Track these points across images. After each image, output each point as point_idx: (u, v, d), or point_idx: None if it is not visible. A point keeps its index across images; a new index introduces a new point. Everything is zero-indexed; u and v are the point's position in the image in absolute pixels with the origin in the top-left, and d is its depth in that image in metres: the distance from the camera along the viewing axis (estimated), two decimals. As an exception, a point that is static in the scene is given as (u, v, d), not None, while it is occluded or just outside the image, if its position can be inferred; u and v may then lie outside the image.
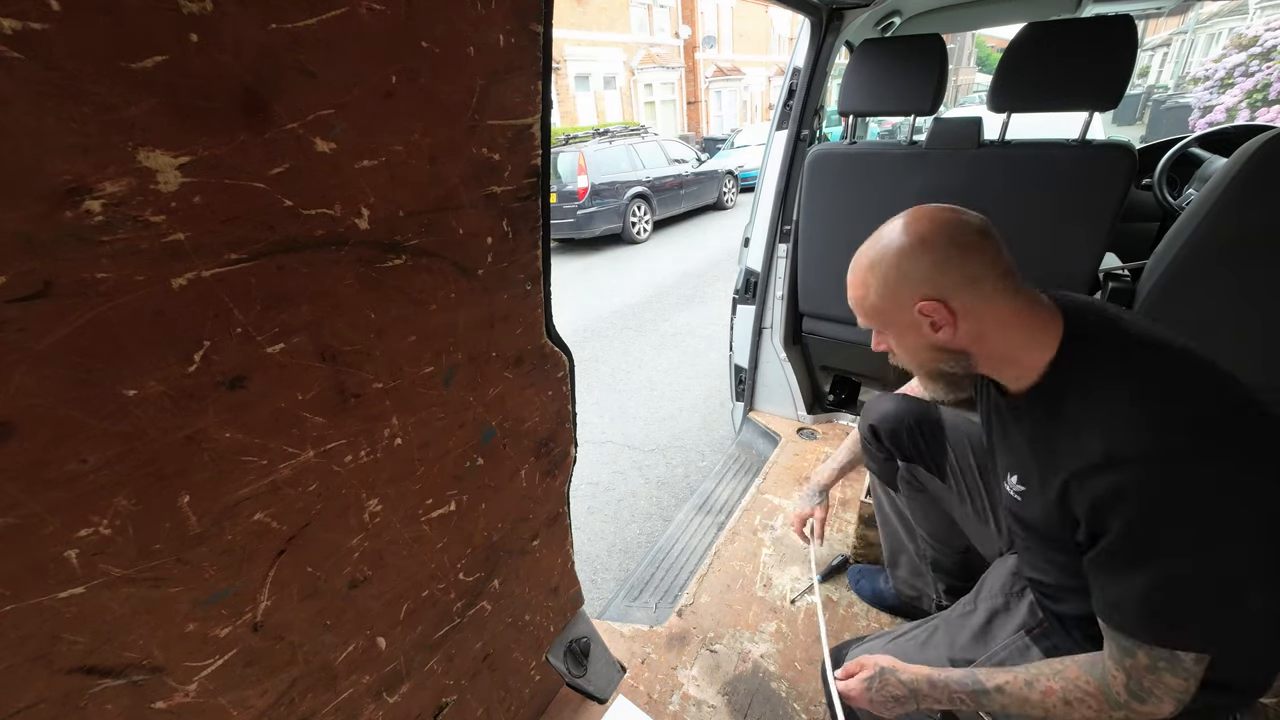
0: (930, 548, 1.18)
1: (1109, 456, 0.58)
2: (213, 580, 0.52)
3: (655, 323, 4.37)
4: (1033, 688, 0.69)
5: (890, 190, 1.56)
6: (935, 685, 0.77)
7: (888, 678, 0.80)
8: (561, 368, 0.88)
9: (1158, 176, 1.76)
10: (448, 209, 0.60)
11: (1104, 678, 0.64)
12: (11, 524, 0.39)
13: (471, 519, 0.81)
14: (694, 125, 19.13)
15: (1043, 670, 0.70)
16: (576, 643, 1.16)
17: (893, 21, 1.92)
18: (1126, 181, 1.27)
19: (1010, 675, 0.72)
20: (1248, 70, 8.04)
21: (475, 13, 0.54)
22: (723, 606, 1.41)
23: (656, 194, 7.76)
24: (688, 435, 2.76)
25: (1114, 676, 0.63)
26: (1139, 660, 0.60)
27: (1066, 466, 0.62)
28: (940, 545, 1.16)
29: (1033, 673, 0.71)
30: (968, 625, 0.90)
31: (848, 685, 0.84)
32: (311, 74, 0.45)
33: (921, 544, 1.19)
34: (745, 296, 2.07)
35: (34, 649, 0.43)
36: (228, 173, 0.43)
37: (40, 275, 0.36)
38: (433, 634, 0.81)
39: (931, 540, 1.17)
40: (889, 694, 0.80)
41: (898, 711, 0.80)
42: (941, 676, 0.77)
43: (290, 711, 0.64)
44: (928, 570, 1.21)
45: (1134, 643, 0.60)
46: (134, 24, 0.36)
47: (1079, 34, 1.24)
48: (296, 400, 0.53)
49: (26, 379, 0.37)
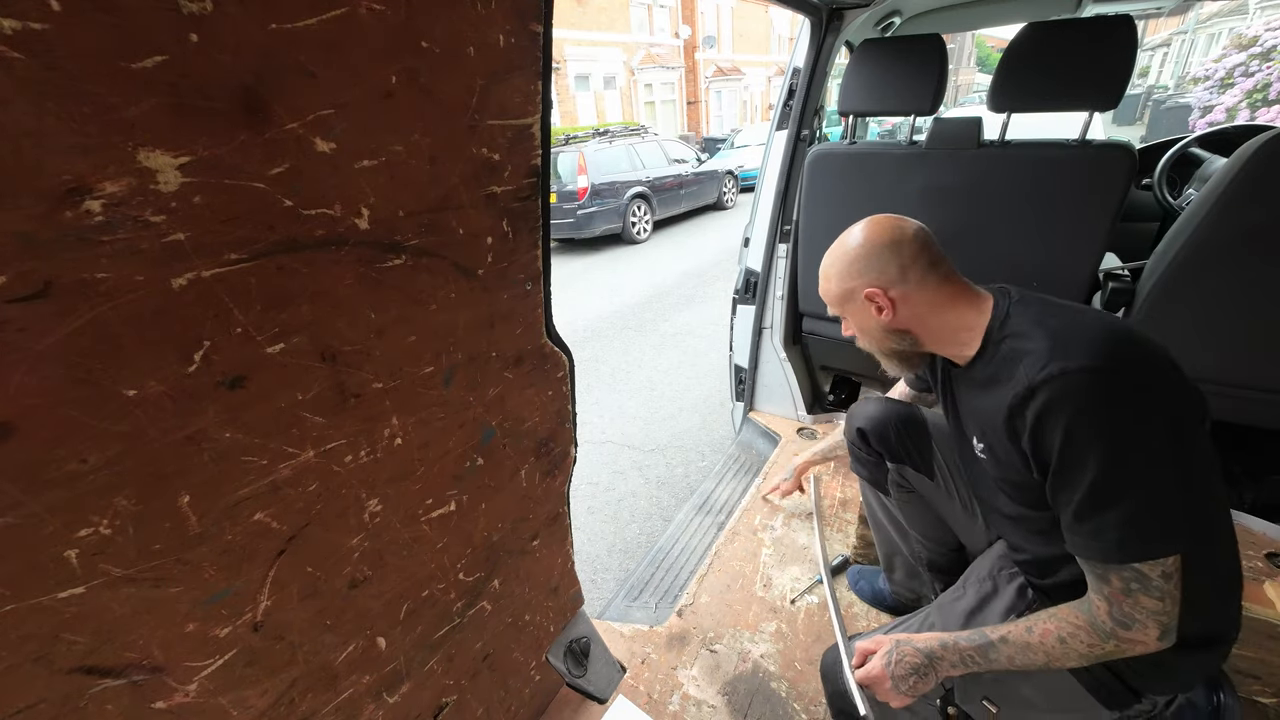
0: (924, 548, 1.19)
1: (1030, 383, 0.67)
2: (213, 580, 0.52)
3: (655, 323, 4.37)
4: (1032, 632, 0.74)
5: (890, 190, 1.56)
6: (947, 647, 0.80)
7: (904, 648, 0.83)
8: (561, 368, 0.88)
9: (1158, 176, 1.76)
10: (448, 209, 0.60)
11: (1090, 610, 0.69)
12: (11, 524, 0.39)
13: (471, 519, 0.81)
14: (694, 125, 19.13)
15: (1040, 615, 0.75)
16: (576, 643, 1.16)
17: (893, 21, 1.92)
18: (1126, 181, 1.27)
19: (1012, 626, 0.77)
20: (1248, 70, 8.05)
21: (475, 13, 0.54)
22: (723, 606, 1.41)
23: (656, 194, 7.76)
24: (688, 435, 2.76)
25: (1098, 606, 0.68)
26: (1113, 585, 0.66)
27: (1005, 405, 0.71)
28: (934, 545, 1.17)
29: (1031, 620, 0.76)
30: (957, 609, 0.92)
31: (868, 667, 0.85)
32: (311, 74, 0.45)
33: (915, 545, 1.20)
34: (745, 296, 2.07)
35: (34, 649, 0.43)
36: (228, 173, 0.43)
37: (40, 275, 0.36)
38: (433, 634, 0.81)
39: (925, 540, 1.18)
40: (907, 664, 0.81)
41: (918, 687, 0.81)
42: (951, 639, 0.81)
43: (290, 711, 0.64)
44: (924, 571, 1.22)
45: (1105, 567, 0.66)
46: (134, 24, 0.36)
47: (1079, 34, 1.24)
48: (296, 400, 0.53)
49: (26, 379, 0.37)
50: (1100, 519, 0.65)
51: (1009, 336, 0.74)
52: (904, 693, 0.81)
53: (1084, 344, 0.66)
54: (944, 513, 1.12)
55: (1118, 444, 0.63)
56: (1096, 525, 0.65)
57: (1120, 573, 0.65)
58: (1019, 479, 0.76)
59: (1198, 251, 1.16)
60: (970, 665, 0.79)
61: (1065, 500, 0.68)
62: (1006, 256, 1.47)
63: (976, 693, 0.86)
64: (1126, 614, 0.66)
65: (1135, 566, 0.64)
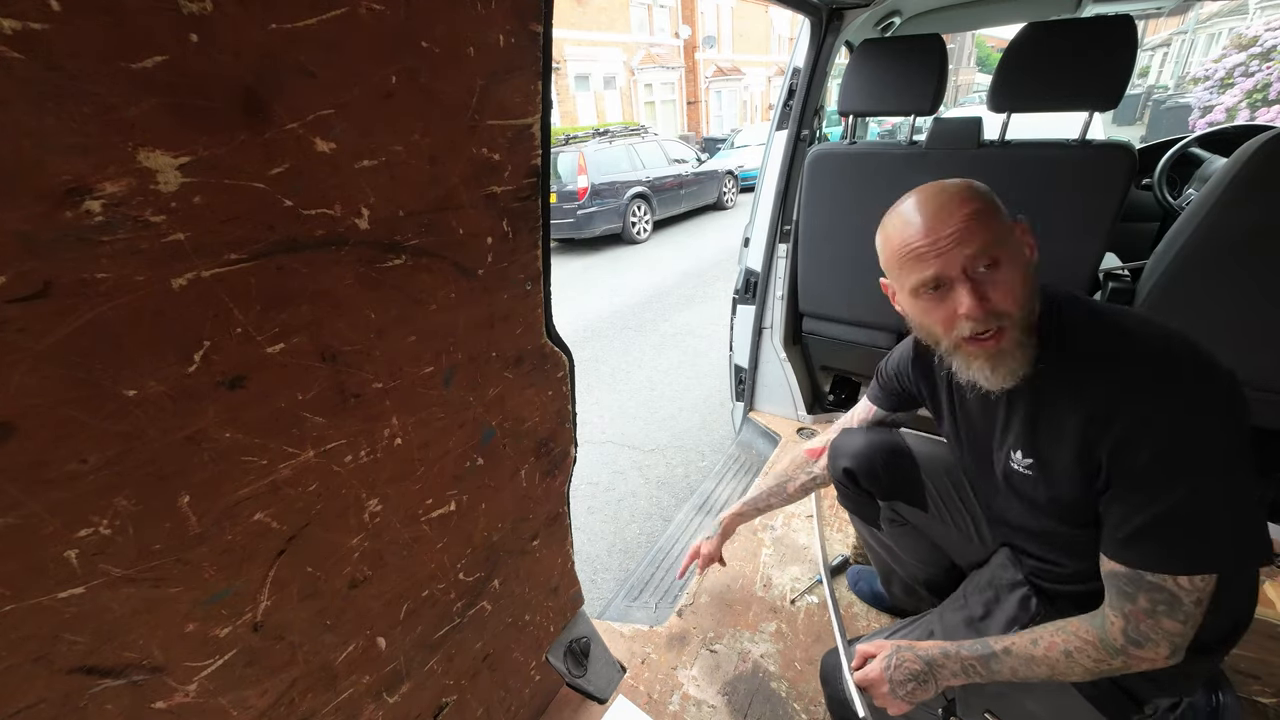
0: (920, 570, 1.16)
1: (1113, 401, 0.64)
2: (213, 580, 0.52)
3: (655, 323, 4.36)
4: (1037, 645, 0.73)
5: (890, 190, 1.54)
6: (949, 655, 0.79)
7: (904, 654, 0.82)
8: (561, 368, 0.87)
9: (1158, 176, 1.76)
10: (448, 209, 0.60)
11: (1103, 626, 0.68)
12: (11, 524, 0.39)
13: (471, 519, 0.81)
14: (694, 125, 19.13)
15: (1046, 628, 0.74)
16: (576, 643, 1.16)
17: (893, 21, 1.92)
18: (1126, 181, 1.27)
19: (1016, 637, 0.76)
20: (1248, 70, 8.05)
21: (475, 13, 0.54)
22: (723, 606, 1.41)
23: (656, 194, 7.75)
24: (688, 435, 2.76)
25: (1112, 623, 0.67)
26: (1139, 604, 0.65)
27: (1080, 417, 0.67)
28: (929, 567, 1.14)
29: (1037, 632, 0.75)
30: (958, 618, 0.91)
31: (867, 670, 0.84)
32: (311, 74, 0.45)
33: (911, 568, 1.17)
34: (745, 296, 2.07)
35: (34, 649, 0.43)
36: (228, 173, 0.43)
37: (40, 275, 0.36)
38: (433, 634, 0.81)
39: (920, 564, 1.14)
40: (907, 670, 0.80)
41: (916, 694, 0.80)
42: (954, 647, 0.80)
43: (290, 711, 0.64)
44: (921, 589, 1.19)
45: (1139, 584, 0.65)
46: (134, 24, 0.36)
47: (1079, 34, 1.24)
48: (296, 400, 0.53)
49: (26, 379, 0.37)
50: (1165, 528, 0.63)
51: (1081, 341, 0.69)
52: (901, 698, 0.80)
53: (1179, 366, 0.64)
54: (938, 539, 1.08)
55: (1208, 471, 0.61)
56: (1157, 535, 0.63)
57: (1152, 593, 0.64)
58: (1070, 496, 0.72)
59: (1198, 251, 1.16)
60: (972, 675, 0.78)
61: (1128, 513, 0.65)
62: None
63: (979, 705, 0.85)
64: (1143, 633, 0.65)
65: (1170, 587, 0.63)
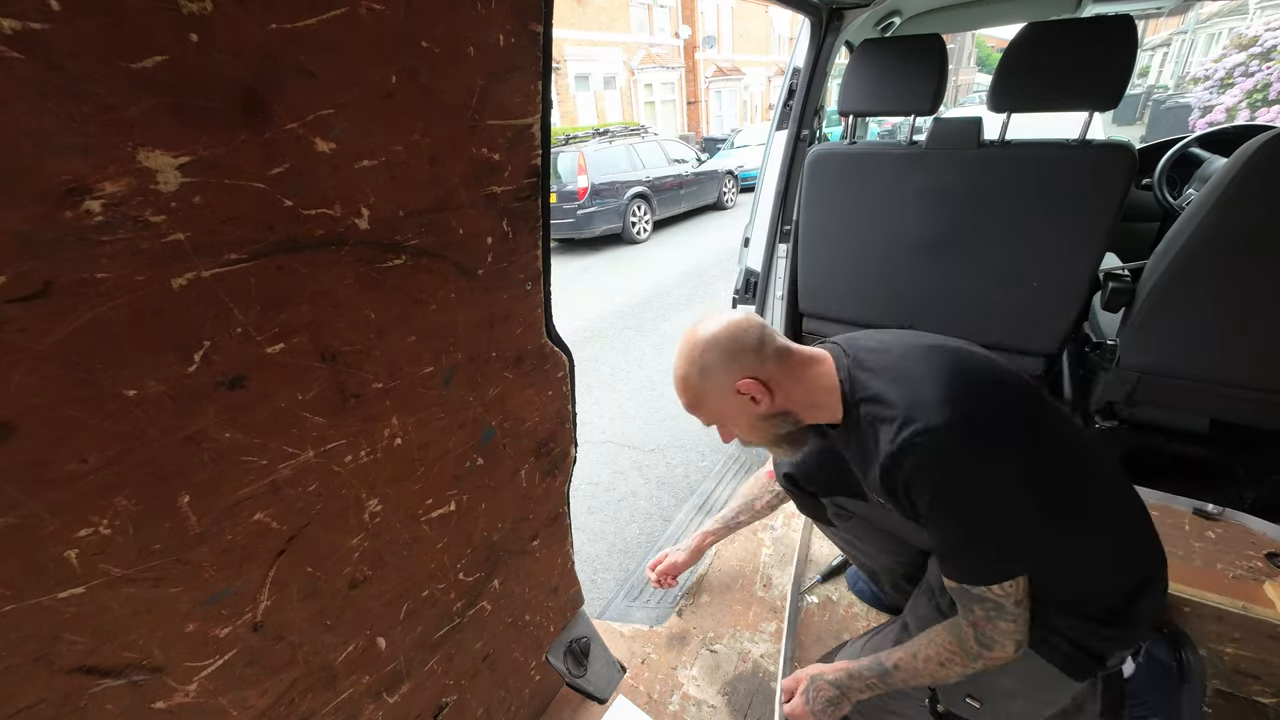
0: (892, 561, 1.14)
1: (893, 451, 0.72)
2: (213, 580, 0.52)
3: (655, 323, 4.36)
4: (917, 658, 0.83)
5: (890, 190, 1.56)
6: (854, 676, 0.88)
7: (819, 684, 0.91)
8: (561, 368, 0.88)
9: (1158, 176, 1.76)
10: (448, 209, 0.60)
11: (960, 637, 0.78)
12: (11, 524, 0.39)
13: (471, 519, 0.81)
14: (694, 125, 19.13)
15: (921, 642, 0.84)
16: (576, 643, 1.16)
17: (893, 21, 1.92)
18: (1126, 181, 1.27)
19: (902, 652, 0.85)
20: (1248, 70, 8.04)
21: (475, 13, 0.54)
22: (723, 606, 1.41)
23: (656, 194, 7.75)
24: (688, 435, 2.76)
25: (966, 632, 0.77)
26: (976, 614, 0.76)
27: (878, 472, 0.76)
28: (897, 558, 1.13)
29: (915, 646, 0.84)
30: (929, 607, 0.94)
31: (791, 706, 0.92)
32: (311, 74, 0.45)
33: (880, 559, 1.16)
34: (745, 296, 2.07)
35: (34, 649, 0.43)
36: (228, 173, 0.43)
37: (40, 275, 0.36)
38: (433, 634, 0.81)
39: (887, 555, 1.13)
40: (823, 699, 0.90)
41: (836, 713, 0.89)
42: (856, 667, 0.89)
43: (290, 711, 0.64)
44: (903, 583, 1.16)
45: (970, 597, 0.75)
46: (134, 24, 0.36)
47: (1079, 34, 1.24)
48: (296, 400, 0.53)
49: (26, 379, 0.37)
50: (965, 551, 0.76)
51: (863, 401, 0.78)
52: None
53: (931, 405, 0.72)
54: (893, 527, 1.07)
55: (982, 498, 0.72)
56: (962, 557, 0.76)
57: (981, 603, 0.75)
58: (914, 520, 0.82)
59: (1198, 251, 1.16)
60: (875, 689, 0.87)
61: (936, 538, 0.77)
62: (1006, 256, 1.47)
63: (959, 692, 0.89)
64: (990, 637, 0.76)
65: (991, 595, 0.74)
